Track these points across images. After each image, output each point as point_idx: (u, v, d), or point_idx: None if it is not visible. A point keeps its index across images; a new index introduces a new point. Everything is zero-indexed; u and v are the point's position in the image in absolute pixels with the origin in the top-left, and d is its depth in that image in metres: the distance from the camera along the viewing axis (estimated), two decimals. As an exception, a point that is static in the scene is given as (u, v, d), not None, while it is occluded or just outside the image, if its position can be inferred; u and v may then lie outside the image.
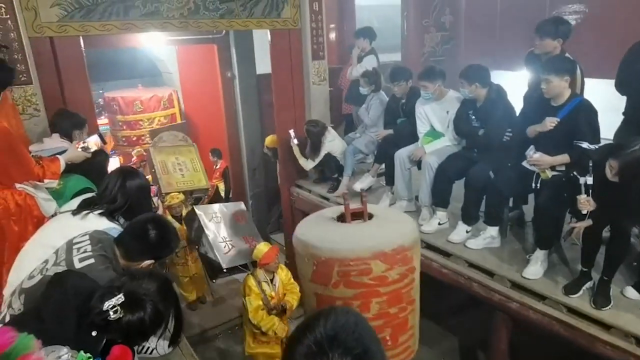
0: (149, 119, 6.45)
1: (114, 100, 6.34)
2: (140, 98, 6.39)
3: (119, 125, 6.50)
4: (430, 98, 3.85)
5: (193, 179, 5.30)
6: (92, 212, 2.20)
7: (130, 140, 6.77)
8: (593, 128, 2.95)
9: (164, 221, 2.06)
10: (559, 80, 2.95)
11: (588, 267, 2.89)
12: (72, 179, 2.89)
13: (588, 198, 2.64)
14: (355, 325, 0.89)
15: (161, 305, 1.37)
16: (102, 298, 1.32)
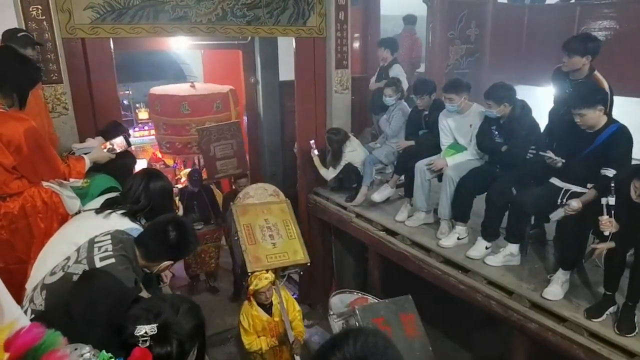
0: (197, 123, 5.22)
1: (158, 99, 5.23)
2: (188, 98, 5.20)
3: (162, 128, 5.38)
4: (455, 110, 3.82)
5: (287, 249, 3.93)
6: (115, 212, 2.24)
7: (174, 147, 5.59)
8: (625, 157, 2.87)
9: (184, 222, 2.08)
10: (592, 112, 2.87)
11: (611, 291, 2.81)
12: (98, 178, 2.95)
13: (610, 219, 2.58)
14: (384, 349, 0.87)
15: (187, 346, 1.37)
16: (135, 320, 1.32)
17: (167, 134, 5.10)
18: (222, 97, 5.32)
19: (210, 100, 5.14)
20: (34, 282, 1.95)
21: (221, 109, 5.31)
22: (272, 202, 4.28)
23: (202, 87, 5.61)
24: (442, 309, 4.64)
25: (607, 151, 2.86)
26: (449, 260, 3.62)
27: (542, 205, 3.26)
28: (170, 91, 5.26)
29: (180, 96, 4.85)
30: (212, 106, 5.15)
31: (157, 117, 5.04)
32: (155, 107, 4.98)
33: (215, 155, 5.24)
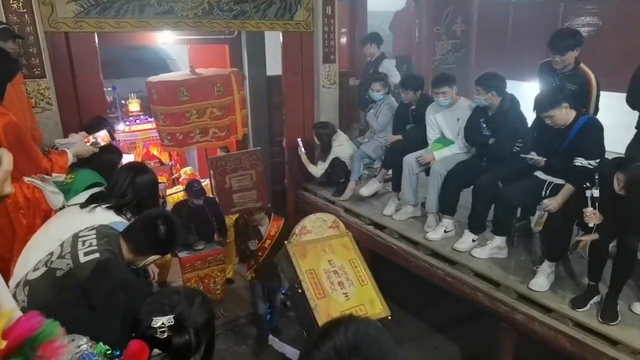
0: (198, 110, 4.59)
1: (155, 87, 4.69)
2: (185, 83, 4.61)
3: (161, 119, 4.80)
4: (448, 104, 3.83)
5: (363, 300, 3.09)
6: (100, 206, 2.21)
7: (175, 138, 4.91)
8: (595, 145, 2.94)
9: (173, 218, 2.07)
10: (559, 111, 2.94)
11: (595, 281, 2.86)
12: (82, 173, 2.90)
13: (594, 211, 2.63)
14: (376, 337, 0.87)
15: (202, 336, 1.38)
16: (150, 313, 1.32)
17: (166, 125, 4.47)
18: (223, 80, 4.56)
19: (210, 83, 4.47)
20: (17, 279, 1.92)
21: (223, 93, 4.56)
22: (332, 236, 3.40)
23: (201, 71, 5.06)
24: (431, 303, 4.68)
25: (580, 142, 2.93)
26: (436, 253, 3.65)
27: (527, 198, 3.31)
28: (167, 77, 4.70)
29: (176, 81, 4.34)
30: (213, 90, 4.47)
31: (155, 107, 4.49)
32: (153, 96, 4.41)
33: (232, 188, 4.51)
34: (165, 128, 4.50)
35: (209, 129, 4.52)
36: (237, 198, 4.60)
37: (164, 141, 4.66)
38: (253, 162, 4.55)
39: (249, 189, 4.57)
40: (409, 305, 5.06)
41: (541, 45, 3.52)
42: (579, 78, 3.29)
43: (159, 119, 4.53)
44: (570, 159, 2.97)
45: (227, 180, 4.50)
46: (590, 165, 2.85)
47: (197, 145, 4.66)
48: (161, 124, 4.54)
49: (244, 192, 4.58)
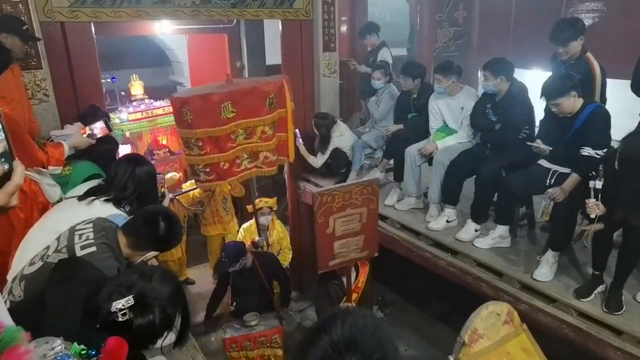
0: (246, 129, 3.48)
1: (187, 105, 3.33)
2: (232, 95, 3.40)
3: (196, 147, 3.40)
4: (443, 93, 3.79)
5: None
6: (99, 199, 2.18)
7: (217, 169, 3.51)
8: (602, 134, 2.89)
9: (173, 215, 2.06)
10: (567, 99, 2.90)
11: (600, 271, 2.83)
12: (80, 165, 2.87)
13: (597, 202, 2.60)
14: (374, 329, 0.84)
15: (170, 310, 1.34)
16: (110, 297, 1.28)
17: (205, 153, 3.33)
18: (276, 90, 3.54)
19: (261, 94, 3.46)
20: (14, 274, 1.89)
21: (275, 105, 3.55)
22: (507, 336, 2.66)
23: (244, 81, 4.12)
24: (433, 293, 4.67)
25: (587, 131, 2.89)
26: (438, 243, 3.62)
27: (531, 187, 3.27)
28: (201, 90, 3.50)
29: (220, 94, 3.27)
30: (264, 102, 3.47)
31: (187, 131, 3.32)
32: (184, 117, 3.25)
33: (335, 233, 3.23)
34: (202, 158, 3.33)
35: (259, 153, 3.51)
36: (339, 247, 3.29)
37: (200, 176, 3.43)
38: (367, 197, 3.26)
39: (356, 234, 3.33)
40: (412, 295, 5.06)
41: (544, 32, 3.45)
42: (583, 67, 3.24)
43: (193, 146, 3.32)
44: (577, 148, 2.92)
45: (330, 223, 3.19)
46: (597, 155, 2.80)
47: (244, 175, 3.60)
48: (197, 154, 3.32)
49: (349, 238, 3.30)
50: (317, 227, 3.16)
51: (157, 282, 1.35)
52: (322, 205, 3.08)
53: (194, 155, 3.36)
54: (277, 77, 3.84)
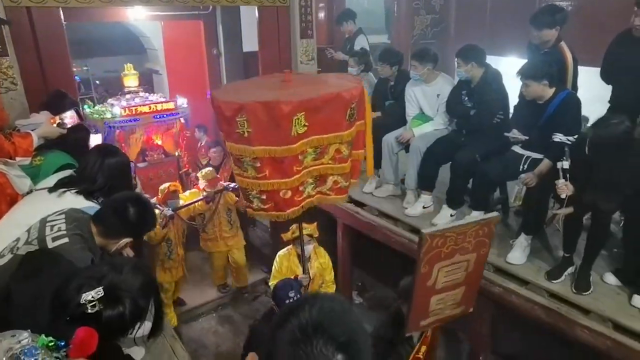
0: (317, 148, 2.57)
1: (245, 112, 2.39)
2: (307, 104, 2.41)
3: (254, 168, 2.56)
4: (418, 79, 3.82)
5: None
6: (70, 191, 2.13)
7: (277, 198, 2.63)
8: (573, 121, 2.97)
9: (144, 200, 2.02)
10: (537, 84, 2.98)
11: (570, 253, 2.92)
12: (51, 155, 2.80)
13: (566, 183, 2.68)
14: (342, 313, 0.86)
15: (142, 302, 1.33)
16: (79, 289, 1.27)
17: (263, 177, 2.50)
18: (358, 97, 2.57)
19: (343, 104, 2.48)
20: (-17, 267, 1.85)
21: (355, 117, 2.59)
22: None
23: (306, 78, 2.94)
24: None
25: (558, 118, 2.97)
26: (415, 229, 3.67)
27: (505, 173, 3.33)
28: (264, 96, 2.44)
29: (291, 104, 2.33)
30: (345, 114, 2.50)
31: (242, 147, 2.46)
32: (239, 129, 2.39)
33: (435, 285, 2.56)
34: (259, 182, 2.50)
35: (327, 177, 2.64)
36: (436, 302, 2.63)
37: (253, 203, 2.62)
38: (480, 240, 2.53)
39: (457, 286, 2.65)
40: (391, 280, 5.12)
41: (520, 20, 3.50)
42: (557, 55, 3.31)
43: (248, 166, 2.47)
44: (549, 134, 2.99)
45: (434, 274, 2.49)
46: (568, 140, 2.88)
47: (306, 204, 2.69)
48: (252, 176, 2.50)
49: (449, 291, 2.63)
50: (418, 278, 2.45)
51: (128, 274, 1.34)
52: (430, 250, 2.36)
53: (248, 177, 2.53)
54: (349, 78, 2.90)
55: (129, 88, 5.41)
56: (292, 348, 0.81)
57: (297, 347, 0.80)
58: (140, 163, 5.24)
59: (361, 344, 0.85)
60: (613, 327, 2.59)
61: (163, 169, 5.44)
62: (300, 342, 0.80)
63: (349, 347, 0.82)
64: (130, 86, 5.42)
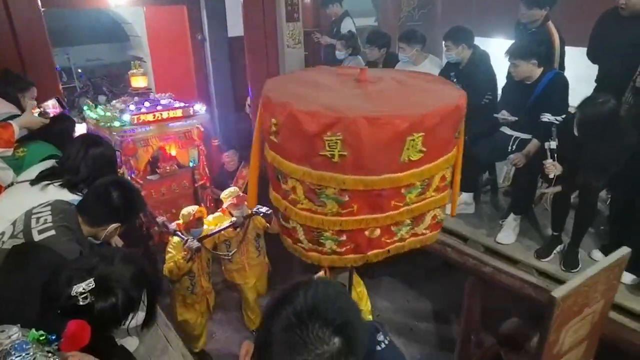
0: (425, 179, 1.86)
1: (338, 127, 1.66)
2: (427, 121, 1.70)
3: (333, 199, 1.81)
4: (408, 62, 3.79)
5: None
6: (53, 184, 2.08)
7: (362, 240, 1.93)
8: (561, 101, 2.98)
9: (127, 183, 1.98)
10: (525, 64, 2.97)
11: (558, 231, 2.96)
12: (35, 146, 2.72)
13: (554, 162, 2.70)
14: (336, 297, 0.86)
15: (134, 292, 1.32)
16: (69, 281, 1.25)
17: (349, 212, 1.83)
18: (462, 106, 1.91)
19: (457, 118, 1.90)
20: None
21: (459, 134, 2.02)
22: None
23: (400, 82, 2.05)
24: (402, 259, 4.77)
25: (546, 98, 2.98)
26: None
27: (494, 154, 3.35)
28: (359, 107, 1.75)
29: (408, 119, 1.67)
30: (455, 131, 1.93)
31: (329, 175, 1.77)
32: (328, 149, 1.70)
33: (560, 350, 2.17)
34: (341, 219, 1.87)
35: (426, 213, 2.00)
36: None
37: (324, 245, 1.96)
38: (610, 285, 2.20)
39: (581, 342, 2.26)
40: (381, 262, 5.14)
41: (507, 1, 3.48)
42: (544, 35, 3.31)
43: (329, 199, 1.82)
44: (537, 114, 3.00)
45: (560, 338, 2.10)
46: (556, 120, 2.89)
47: (394, 248, 2.02)
48: (332, 211, 1.85)
49: (572, 351, 2.21)
50: (546, 348, 2.01)
51: (119, 265, 1.32)
52: (561, 314, 1.93)
53: (325, 214, 1.86)
54: (438, 80, 2.37)
55: (136, 90, 4.67)
56: (288, 334, 0.81)
57: (293, 333, 0.80)
58: (150, 175, 4.65)
59: (357, 326, 0.85)
60: (601, 302, 2.64)
61: (176, 182, 4.72)
62: (296, 327, 0.80)
63: (345, 329, 0.82)
64: (138, 87, 4.68)
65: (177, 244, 3.43)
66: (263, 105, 1.91)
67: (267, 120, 1.86)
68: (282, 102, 1.77)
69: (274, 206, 2.10)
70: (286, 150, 1.83)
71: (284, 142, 1.83)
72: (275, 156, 1.89)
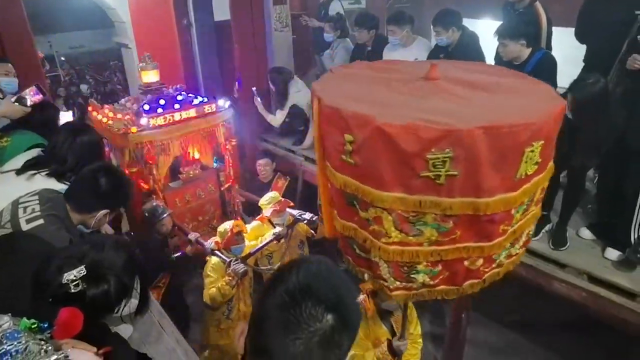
0: (532, 194, 1.62)
1: (450, 141, 1.35)
2: (547, 125, 1.46)
3: (431, 226, 1.52)
4: (398, 44, 3.77)
5: None
6: (40, 173, 2.05)
7: (461, 268, 1.65)
8: (549, 80, 2.98)
9: (114, 169, 1.96)
10: (514, 44, 2.97)
11: (547, 211, 3.00)
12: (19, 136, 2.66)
13: None
14: (328, 275, 0.86)
15: (126, 278, 1.31)
16: (60, 269, 1.23)
17: (452, 240, 1.54)
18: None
19: (561, 119, 1.60)
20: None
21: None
22: None
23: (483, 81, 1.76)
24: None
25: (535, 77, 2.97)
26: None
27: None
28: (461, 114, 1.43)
29: (531, 127, 1.39)
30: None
31: (425, 200, 1.46)
32: (432, 173, 1.40)
33: None
34: (439, 249, 1.58)
35: (523, 231, 1.74)
36: None
37: (413, 280, 1.66)
38: None
39: None
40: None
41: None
42: (531, 16, 3.31)
43: (424, 228, 1.52)
44: None
45: None
46: None
47: (489, 276, 1.74)
48: (433, 240, 1.55)
49: None
50: None
51: (110, 251, 1.31)
52: None
53: (421, 244, 1.55)
54: (522, 77, 2.11)
55: (148, 85, 4.00)
56: (281, 313, 0.81)
57: (286, 312, 0.81)
58: (172, 183, 4.10)
59: (350, 303, 0.86)
60: (588, 279, 2.69)
61: (201, 186, 4.20)
62: (289, 307, 0.81)
63: (338, 307, 0.82)
64: (150, 83, 4.00)
65: (217, 265, 3.01)
66: (327, 117, 1.55)
67: (336, 137, 1.51)
68: (360, 114, 1.41)
69: (347, 236, 1.73)
70: (369, 174, 1.48)
71: (366, 165, 1.47)
72: (349, 181, 1.54)
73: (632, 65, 2.65)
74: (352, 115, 1.43)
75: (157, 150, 3.69)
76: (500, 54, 3.08)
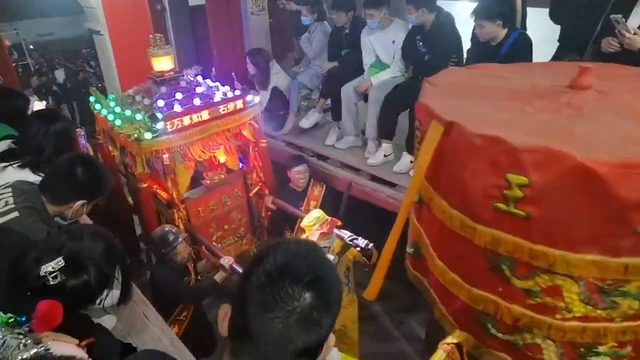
0: None
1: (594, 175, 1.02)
2: None
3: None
4: (376, 27, 3.75)
5: None
6: (12, 165, 1.99)
7: None
8: (525, 60, 3.02)
9: (90, 158, 1.91)
10: (491, 24, 2.99)
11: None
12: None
13: None
14: (306, 254, 0.86)
15: (106, 268, 1.29)
16: (38, 261, 1.21)
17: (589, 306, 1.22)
18: None
19: None
20: None
21: None
22: None
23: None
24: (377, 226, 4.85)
25: (511, 58, 3.02)
26: (376, 177, 3.73)
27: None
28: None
29: None
30: None
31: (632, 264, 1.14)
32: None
33: None
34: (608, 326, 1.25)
35: None
36: None
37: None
38: None
39: None
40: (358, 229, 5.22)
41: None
42: None
43: (625, 299, 1.19)
44: None
45: None
46: None
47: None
48: (631, 314, 1.22)
49: None
50: None
51: (89, 241, 1.29)
52: None
53: (612, 319, 1.25)
54: None
55: (161, 74, 3.34)
56: (260, 293, 0.81)
57: (264, 292, 0.81)
58: (193, 190, 3.61)
59: (330, 281, 0.86)
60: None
61: (227, 192, 3.75)
62: (267, 287, 0.81)
63: (315, 284, 0.82)
64: (162, 71, 3.34)
65: None
66: (470, 150, 1.19)
67: (487, 178, 1.17)
68: (543, 147, 1.06)
69: (477, 310, 1.38)
70: (551, 230, 1.14)
71: (547, 217, 1.13)
72: (508, 238, 1.20)
73: (607, 48, 2.68)
74: (529, 150, 1.06)
75: (175, 160, 3.23)
76: (477, 35, 3.10)
